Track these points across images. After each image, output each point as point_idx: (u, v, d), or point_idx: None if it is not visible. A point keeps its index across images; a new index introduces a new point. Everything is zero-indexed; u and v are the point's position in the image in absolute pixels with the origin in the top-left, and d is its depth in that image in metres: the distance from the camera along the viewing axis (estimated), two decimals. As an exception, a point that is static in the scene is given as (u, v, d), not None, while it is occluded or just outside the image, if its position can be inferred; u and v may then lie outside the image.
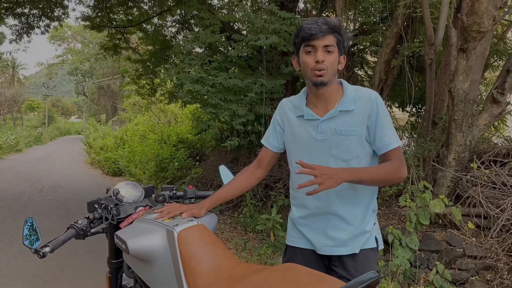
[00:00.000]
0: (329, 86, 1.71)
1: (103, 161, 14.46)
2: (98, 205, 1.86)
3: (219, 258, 1.48)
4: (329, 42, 1.65)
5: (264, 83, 6.05)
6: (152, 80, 10.78)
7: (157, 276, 1.57)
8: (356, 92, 1.74)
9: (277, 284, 1.17)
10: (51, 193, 9.34)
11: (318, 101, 1.76)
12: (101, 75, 38.04)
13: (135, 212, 1.84)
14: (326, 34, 1.64)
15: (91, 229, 1.82)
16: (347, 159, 1.72)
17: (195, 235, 1.54)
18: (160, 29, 10.62)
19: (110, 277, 2.01)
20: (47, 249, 1.60)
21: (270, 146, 1.94)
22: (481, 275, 3.82)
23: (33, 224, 1.70)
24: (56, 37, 36.01)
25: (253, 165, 2.00)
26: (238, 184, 1.96)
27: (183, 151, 10.97)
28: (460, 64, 4.46)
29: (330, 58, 1.66)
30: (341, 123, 1.71)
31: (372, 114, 1.69)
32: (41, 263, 4.59)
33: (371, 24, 7.79)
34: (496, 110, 4.66)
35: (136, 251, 1.56)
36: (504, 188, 4.14)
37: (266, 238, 5.57)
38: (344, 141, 1.70)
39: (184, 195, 2.07)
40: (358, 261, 1.74)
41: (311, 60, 1.67)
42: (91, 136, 21.15)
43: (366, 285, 1.00)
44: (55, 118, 49.09)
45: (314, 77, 1.67)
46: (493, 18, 4.14)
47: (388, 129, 1.69)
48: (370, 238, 1.78)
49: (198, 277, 1.40)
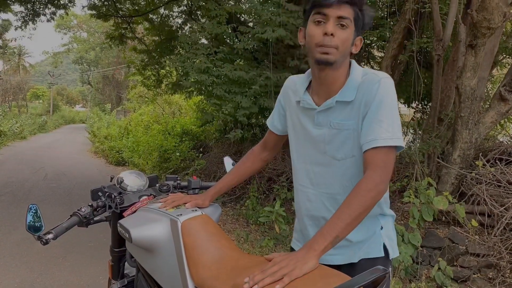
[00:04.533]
0: (336, 69, 1.40)
1: (107, 150, 14.49)
2: (102, 193, 1.86)
3: (222, 249, 1.47)
4: (345, 14, 1.33)
5: (269, 75, 6.02)
6: (157, 71, 10.77)
7: (160, 265, 1.56)
8: (364, 77, 1.41)
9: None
10: (54, 181, 9.36)
11: (320, 86, 1.46)
12: (106, 64, 38.06)
13: (139, 201, 1.83)
14: (342, 3, 1.33)
15: (94, 217, 1.82)
16: (340, 158, 1.45)
17: (199, 225, 1.53)
18: (166, 20, 10.60)
19: (112, 266, 2.00)
20: (50, 236, 1.60)
21: (274, 129, 1.76)
22: (483, 273, 3.80)
23: (36, 210, 1.70)
24: (62, 25, 36.08)
25: (259, 148, 1.88)
26: (243, 169, 1.87)
27: (187, 142, 10.98)
28: (468, 61, 4.42)
29: (342, 34, 1.34)
30: (337, 115, 1.43)
31: (369, 101, 1.35)
32: (44, 250, 4.61)
33: (379, 19, 7.74)
34: (504, 108, 4.62)
35: (139, 240, 1.55)
36: (509, 187, 4.11)
37: (268, 231, 5.57)
38: (337, 136, 1.43)
39: (188, 185, 2.05)
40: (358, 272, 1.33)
41: (319, 32, 1.35)
42: (95, 125, 21.18)
43: (373, 280, 0.99)
44: (59, 107, 49.13)
45: (318, 53, 1.36)
46: (504, 14, 4.09)
47: (381, 122, 1.31)
48: (373, 245, 1.49)
49: (201, 268, 1.39)
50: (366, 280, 0.98)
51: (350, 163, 1.44)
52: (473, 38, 4.32)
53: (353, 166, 1.43)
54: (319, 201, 1.52)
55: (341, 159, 1.45)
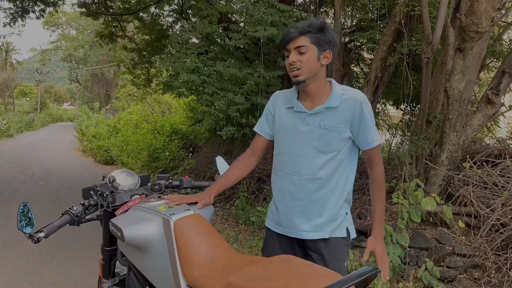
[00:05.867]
0: (311, 83, 1.85)
1: (96, 149, 14.38)
2: (94, 192, 1.86)
3: (215, 248, 1.48)
4: (300, 43, 1.78)
5: (262, 73, 6.04)
6: (147, 70, 10.72)
7: (152, 264, 1.57)
8: (343, 91, 1.87)
9: (276, 276, 1.18)
10: (42, 180, 9.29)
11: (306, 96, 1.90)
12: (95, 62, 37.74)
13: (131, 200, 1.84)
14: (295, 37, 1.79)
15: (86, 216, 1.82)
16: (326, 152, 1.85)
17: (191, 224, 1.54)
18: (157, 18, 10.55)
19: (103, 265, 2.00)
20: (41, 234, 1.60)
21: (263, 133, 2.06)
22: (469, 273, 3.85)
23: (28, 209, 1.70)
24: (50, 22, 35.59)
25: (248, 154, 2.11)
26: (237, 172, 2.07)
27: (176, 142, 10.95)
28: (457, 64, 4.47)
29: (303, 58, 1.79)
30: (325, 118, 1.84)
31: (356, 115, 1.81)
32: (31, 249, 4.58)
33: (369, 21, 7.79)
34: (490, 110, 4.69)
35: (131, 239, 1.56)
36: (495, 188, 4.17)
37: (257, 231, 5.59)
38: (326, 135, 1.83)
39: (180, 184, 2.07)
40: (331, 246, 1.87)
41: (287, 62, 1.84)
42: (83, 123, 21.02)
43: (364, 279, 1.01)
44: (47, 105, 48.63)
45: (292, 77, 1.84)
46: (492, 19, 4.15)
47: (371, 128, 1.84)
48: (340, 226, 1.90)
49: (194, 267, 1.40)
50: (359, 278, 1.00)
51: (333, 155, 1.85)
52: (462, 42, 4.38)
53: (335, 157, 1.86)
54: (303, 185, 1.87)
55: (326, 153, 1.85)
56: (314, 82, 1.85)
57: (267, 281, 1.14)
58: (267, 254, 1.94)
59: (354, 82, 9.26)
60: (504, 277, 3.46)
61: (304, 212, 1.88)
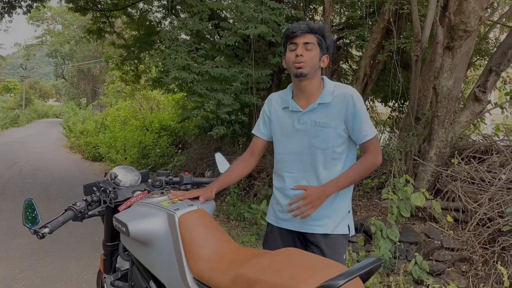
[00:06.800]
0: (310, 80, 1.92)
1: (83, 145, 14.27)
2: (96, 188, 1.89)
3: (220, 242, 1.52)
4: (309, 40, 1.87)
5: (250, 73, 6.07)
6: (136, 66, 10.67)
7: (157, 258, 1.60)
8: (335, 87, 1.94)
9: (283, 267, 1.22)
10: (30, 176, 9.20)
11: (301, 94, 1.96)
12: (81, 58, 37.32)
13: (134, 196, 1.87)
14: (305, 33, 1.87)
15: (89, 212, 1.85)
16: (323, 148, 1.90)
17: (196, 219, 1.58)
18: (145, 14, 10.50)
19: (104, 260, 2.03)
20: (46, 230, 1.62)
21: (261, 135, 2.13)
22: (457, 267, 3.95)
23: (33, 205, 1.72)
24: (35, 17, 35.07)
25: (247, 154, 2.17)
26: (237, 171, 2.13)
27: (166, 138, 10.93)
28: (446, 62, 4.56)
29: (309, 54, 1.87)
30: (320, 115, 1.90)
31: (349, 109, 1.86)
32: (23, 246, 4.56)
33: (358, 19, 7.87)
34: (478, 108, 4.79)
35: (136, 233, 1.59)
36: (482, 184, 4.27)
37: (248, 226, 5.64)
38: (322, 132, 1.89)
39: (180, 180, 2.10)
40: (330, 241, 1.92)
41: (293, 55, 1.89)
42: (70, 120, 20.80)
43: (369, 270, 1.06)
44: (32, 101, 47.91)
45: (294, 69, 1.89)
46: (480, 18, 4.24)
47: (365, 122, 1.88)
48: (342, 223, 1.96)
49: (200, 260, 1.44)
50: (364, 269, 1.05)
51: (330, 152, 1.90)
52: (451, 40, 4.47)
53: (332, 153, 1.91)
54: (306, 182, 1.93)
55: (324, 149, 1.90)
56: (311, 80, 1.92)
57: (275, 272, 1.19)
58: (269, 248, 1.99)
59: (343, 79, 9.35)
60: (490, 270, 3.55)
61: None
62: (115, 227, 1.73)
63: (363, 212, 5.35)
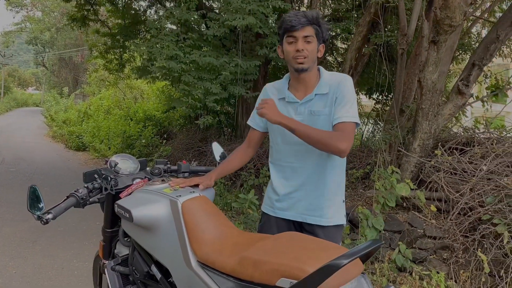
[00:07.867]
0: (309, 72, 1.93)
1: (67, 135, 14.12)
2: (98, 175, 1.93)
3: (222, 227, 1.58)
4: (308, 33, 1.87)
5: (239, 63, 6.09)
6: (120, 55, 10.57)
7: (160, 243, 1.66)
8: (331, 76, 1.95)
9: (287, 249, 1.29)
10: (13, 166, 9.09)
11: (299, 85, 1.98)
12: (62, 46, 36.60)
13: (134, 184, 1.91)
14: (305, 26, 1.86)
15: (90, 198, 1.88)
16: None
17: (198, 205, 1.64)
18: (130, 3, 10.38)
19: (104, 246, 2.07)
20: (49, 216, 1.66)
21: (257, 127, 2.14)
22: (439, 254, 4.08)
23: (36, 191, 1.75)
24: (13, 3, 34.22)
25: (244, 145, 2.20)
26: (236, 161, 2.16)
27: (150, 128, 10.89)
28: (431, 56, 4.67)
29: (309, 47, 1.88)
30: (315, 104, 1.92)
31: (338, 94, 1.87)
32: (12, 235, 4.56)
33: (344, 12, 7.94)
34: (461, 101, 4.93)
35: (140, 219, 1.64)
36: (464, 174, 4.40)
37: (235, 216, 5.71)
38: (317, 121, 1.89)
39: (178, 169, 2.15)
40: (328, 232, 1.93)
41: (292, 49, 1.89)
42: (52, 109, 20.50)
43: (369, 251, 1.13)
44: (11, 89, 47.03)
45: (296, 64, 1.89)
46: (464, 13, 4.36)
47: (344, 106, 1.85)
48: (338, 214, 1.97)
49: (204, 245, 1.50)
50: (363, 251, 1.11)
51: None
52: (436, 35, 4.57)
53: None
54: (302, 172, 1.95)
55: None
56: (310, 72, 1.93)
57: (280, 253, 1.25)
58: None
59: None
60: (471, 256, 3.69)
61: (305, 197, 1.95)
62: (117, 213, 1.77)
63: (348, 201, 5.46)
